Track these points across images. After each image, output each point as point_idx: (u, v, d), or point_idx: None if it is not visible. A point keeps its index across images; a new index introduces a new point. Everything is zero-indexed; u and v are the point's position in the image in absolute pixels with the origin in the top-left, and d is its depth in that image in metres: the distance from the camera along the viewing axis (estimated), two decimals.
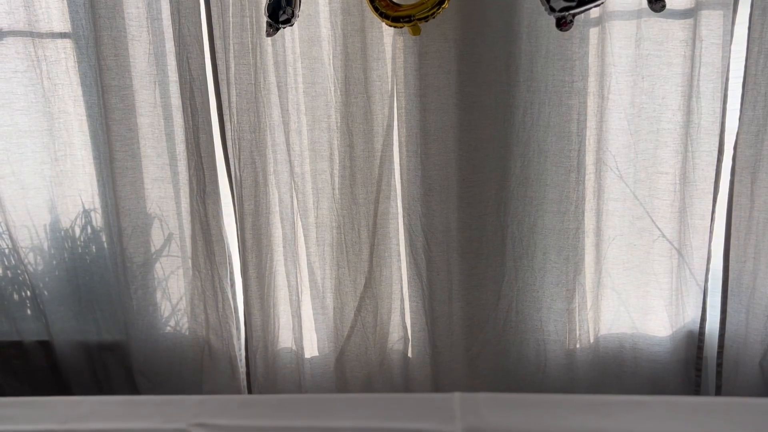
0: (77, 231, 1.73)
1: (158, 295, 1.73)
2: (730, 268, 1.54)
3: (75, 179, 1.69)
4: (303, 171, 1.60)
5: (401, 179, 1.58)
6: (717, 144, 1.48)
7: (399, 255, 1.63)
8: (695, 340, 1.62)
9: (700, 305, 1.59)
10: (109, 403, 1.17)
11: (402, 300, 1.66)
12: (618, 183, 1.55)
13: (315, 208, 1.62)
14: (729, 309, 1.56)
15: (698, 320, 1.60)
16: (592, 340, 1.66)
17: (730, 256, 1.53)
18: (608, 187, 1.55)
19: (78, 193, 1.70)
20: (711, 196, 1.51)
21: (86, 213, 1.72)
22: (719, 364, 1.59)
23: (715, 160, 1.49)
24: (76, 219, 1.72)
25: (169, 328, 1.75)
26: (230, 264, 1.69)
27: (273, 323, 1.70)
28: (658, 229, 1.56)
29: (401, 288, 1.66)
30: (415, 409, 0.91)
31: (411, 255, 1.61)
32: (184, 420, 1.02)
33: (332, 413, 0.96)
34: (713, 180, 1.50)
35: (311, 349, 1.72)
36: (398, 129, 1.55)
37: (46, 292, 1.77)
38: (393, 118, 1.54)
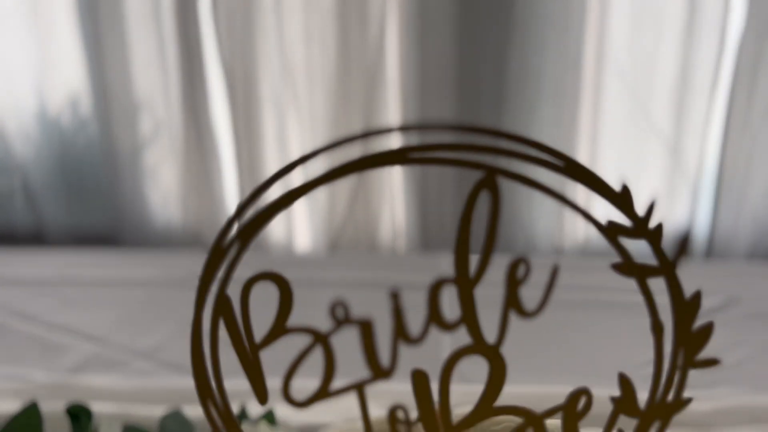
0: (65, 119, 1.70)
1: (149, 186, 1.72)
2: (724, 169, 1.54)
3: (62, 65, 1.65)
4: (295, 59, 1.56)
5: (398, 71, 1.54)
6: (719, 41, 1.45)
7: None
8: (683, 241, 1.63)
9: (690, 206, 1.59)
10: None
11: (394, 195, 1.66)
12: (616, 80, 1.52)
13: (309, 96, 1.59)
14: (719, 210, 1.57)
15: (688, 221, 1.61)
16: (581, 240, 1.67)
17: (725, 157, 1.53)
18: (607, 84, 1.53)
19: (65, 79, 1.66)
20: (709, 96, 1.50)
21: (74, 100, 1.68)
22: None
23: (717, 58, 1.46)
24: (63, 106, 1.68)
25: (160, 219, 1.75)
26: (222, 155, 1.67)
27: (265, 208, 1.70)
28: (654, 128, 1.54)
29: (394, 183, 1.65)
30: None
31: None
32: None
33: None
34: (713, 79, 1.48)
35: (302, 243, 1.73)
36: (394, 18, 1.50)
37: (36, 182, 1.76)
38: (389, 5, 1.49)
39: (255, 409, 0.88)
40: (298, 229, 1.70)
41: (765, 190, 1.53)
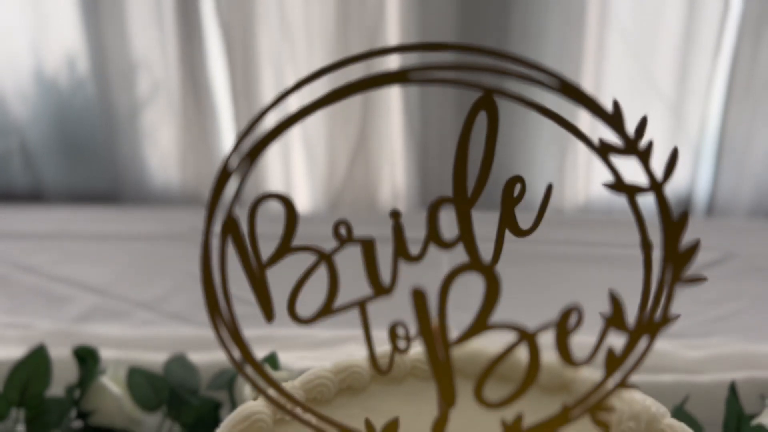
0: (62, 78, 1.69)
1: (147, 146, 1.72)
2: (726, 129, 1.54)
3: (58, 23, 1.64)
4: (294, 16, 1.55)
5: (398, 30, 1.54)
6: (723, 2, 1.44)
7: (393, 109, 1.62)
8: (684, 202, 1.65)
9: (692, 167, 1.60)
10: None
11: (394, 156, 1.67)
12: (620, 41, 1.52)
13: (307, 54, 1.59)
14: (721, 170, 1.58)
15: (689, 183, 1.62)
16: (582, 201, 1.69)
17: (727, 117, 1.53)
18: (610, 45, 1.53)
19: (61, 39, 1.65)
20: (712, 57, 1.50)
21: (71, 60, 1.68)
22: None
23: (721, 19, 1.46)
24: (60, 66, 1.68)
25: (158, 179, 1.76)
26: (220, 114, 1.68)
27: (263, 177, 1.71)
28: (657, 89, 1.55)
29: (394, 144, 1.66)
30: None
31: (406, 109, 1.60)
32: None
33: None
34: (716, 40, 1.48)
35: (302, 204, 1.74)
36: None
37: (33, 143, 1.76)
38: None
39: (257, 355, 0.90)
40: (297, 191, 1.71)
41: (767, 151, 1.54)
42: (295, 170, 1.70)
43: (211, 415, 0.81)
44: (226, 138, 1.70)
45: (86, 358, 0.83)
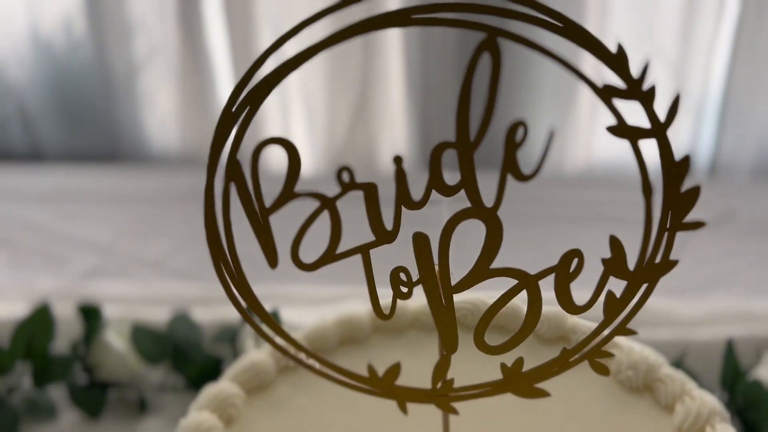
0: (59, 41, 1.68)
1: (146, 109, 1.71)
2: (729, 91, 1.53)
3: None
4: None
5: None
6: None
7: (393, 70, 1.61)
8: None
9: (694, 129, 1.60)
10: None
11: (394, 119, 1.66)
12: (623, 1, 1.51)
13: (308, 15, 1.56)
14: (723, 132, 1.58)
15: (691, 144, 1.62)
16: (583, 165, 1.68)
17: (731, 79, 1.52)
18: (613, 6, 1.51)
19: (57, 0, 1.63)
20: (716, 16, 1.48)
21: (67, 22, 1.66)
22: None
23: None
24: (56, 28, 1.66)
25: (157, 142, 1.75)
26: (219, 77, 1.66)
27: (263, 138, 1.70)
28: (660, 51, 1.53)
29: (394, 107, 1.65)
30: None
31: (406, 70, 1.59)
32: None
33: None
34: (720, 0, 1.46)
35: (303, 169, 1.73)
36: None
37: (31, 106, 1.75)
38: None
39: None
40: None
41: None
42: (296, 133, 1.69)
43: (214, 370, 0.82)
44: (225, 100, 1.69)
45: (90, 314, 0.84)
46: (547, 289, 0.42)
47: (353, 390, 0.47)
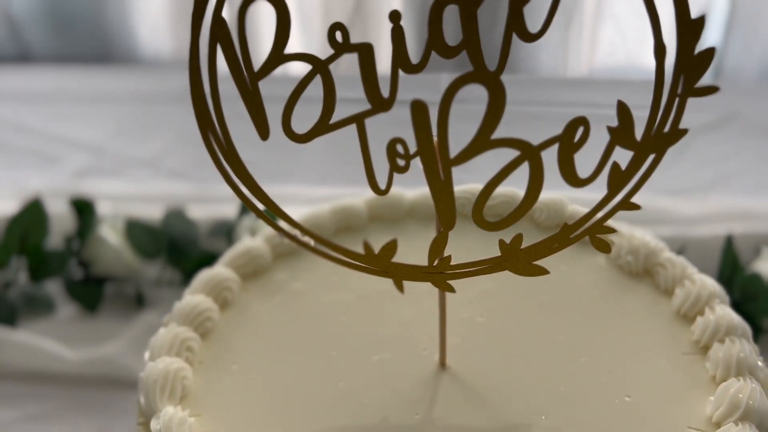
0: None
1: (136, 12, 1.65)
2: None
3: None
4: None
5: None
6: None
7: None
8: None
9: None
10: None
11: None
12: None
13: None
14: (730, 38, 1.53)
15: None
16: (585, 72, 1.64)
17: None
18: None
19: None
20: None
21: None
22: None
23: None
24: None
25: (148, 49, 1.70)
26: None
27: (257, 48, 1.65)
28: None
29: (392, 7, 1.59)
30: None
31: None
32: None
33: None
34: None
35: (298, 71, 1.69)
36: None
37: (18, 10, 1.68)
38: None
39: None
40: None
41: None
42: (290, 39, 1.63)
43: (210, 264, 0.81)
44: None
45: (84, 209, 0.83)
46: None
47: (349, 268, 0.46)
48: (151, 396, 0.46)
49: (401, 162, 0.41)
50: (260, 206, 0.44)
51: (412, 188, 0.65)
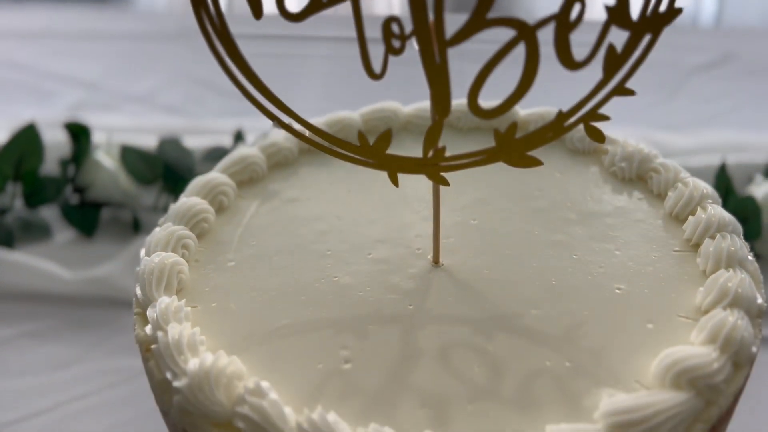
0: None
1: None
2: None
3: None
4: None
5: None
6: None
7: None
8: (692, 15, 1.59)
9: None
10: None
11: None
12: None
13: None
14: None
15: (694, 6, 1.56)
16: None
17: None
18: None
19: None
20: None
21: None
22: None
23: None
24: None
25: (143, 3, 1.68)
26: None
27: None
28: None
29: None
30: None
31: None
32: None
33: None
34: None
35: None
36: None
37: None
38: None
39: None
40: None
41: None
42: None
43: None
44: None
45: (79, 134, 0.83)
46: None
47: (343, 160, 0.46)
48: (147, 287, 0.47)
49: (396, 43, 0.41)
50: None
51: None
